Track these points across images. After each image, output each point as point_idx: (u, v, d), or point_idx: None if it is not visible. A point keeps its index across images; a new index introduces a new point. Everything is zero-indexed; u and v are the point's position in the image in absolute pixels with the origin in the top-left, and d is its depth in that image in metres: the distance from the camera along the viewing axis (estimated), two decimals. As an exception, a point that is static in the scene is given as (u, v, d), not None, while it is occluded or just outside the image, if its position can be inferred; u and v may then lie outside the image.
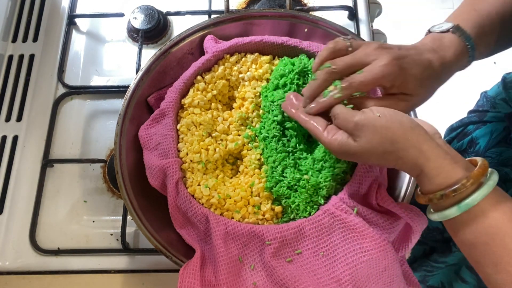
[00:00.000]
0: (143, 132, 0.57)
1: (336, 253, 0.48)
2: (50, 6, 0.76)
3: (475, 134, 0.68)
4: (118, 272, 0.60)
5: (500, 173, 0.63)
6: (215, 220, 0.50)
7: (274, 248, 0.48)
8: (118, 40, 0.75)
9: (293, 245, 0.49)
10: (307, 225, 0.49)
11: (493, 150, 0.65)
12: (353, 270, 0.46)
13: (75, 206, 0.64)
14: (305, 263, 0.48)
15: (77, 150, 0.67)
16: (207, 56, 0.59)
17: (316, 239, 0.49)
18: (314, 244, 0.49)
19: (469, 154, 0.68)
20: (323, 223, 0.49)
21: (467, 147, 0.69)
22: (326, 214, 0.49)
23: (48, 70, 0.72)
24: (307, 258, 0.49)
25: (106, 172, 0.65)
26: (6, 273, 0.61)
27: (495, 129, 0.66)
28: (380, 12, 0.82)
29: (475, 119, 0.70)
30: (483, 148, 0.66)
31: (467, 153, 0.69)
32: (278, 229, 0.49)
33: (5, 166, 0.66)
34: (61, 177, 0.65)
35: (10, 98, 0.70)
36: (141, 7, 0.73)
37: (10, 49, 0.74)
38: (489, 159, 0.65)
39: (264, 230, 0.49)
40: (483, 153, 0.66)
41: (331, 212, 0.49)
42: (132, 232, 0.62)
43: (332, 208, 0.49)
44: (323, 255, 0.48)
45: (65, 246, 0.61)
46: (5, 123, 0.69)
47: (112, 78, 0.71)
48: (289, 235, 0.49)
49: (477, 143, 0.68)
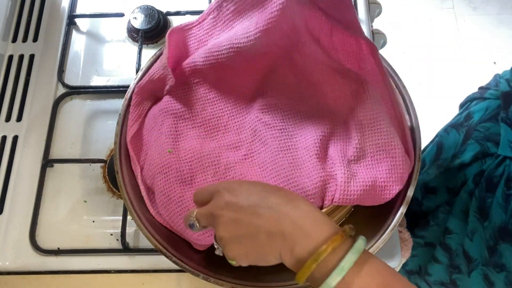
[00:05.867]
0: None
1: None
2: (50, 6, 0.76)
3: (472, 109, 0.71)
4: (118, 272, 0.60)
5: (483, 147, 0.65)
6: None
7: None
8: (118, 40, 0.75)
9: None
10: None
11: (483, 125, 0.67)
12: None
13: (75, 206, 0.64)
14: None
15: (77, 150, 0.67)
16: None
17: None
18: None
19: (463, 127, 0.70)
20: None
21: (463, 120, 0.71)
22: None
23: (48, 70, 0.72)
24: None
25: (106, 172, 0.65)
26: (6, 273, 0.61)
27: (490, 106, 0.68)
28: (380, 12, 0.82)
29: (478, 95, 0.72)
30: (476, 122, 0.68)
31: (462, 126, 0.71)
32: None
33: (5, 166, 0.66)
34: (61, 177, 0.65)
35: (10, 98, 0.70)
36: (141, 7, 0.73)
37: (10, 49, 0.74)
38: (478, 132, 0.67)
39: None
40: (475, 126, 0.68)
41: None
42: (132, 232, 0.62)
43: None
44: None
45: (65, 246, 0.61)
46: (5, 123, 0.69)
47: (112, 78, 0.71)
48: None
49: (472, 117, 0.70)
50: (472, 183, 0.65)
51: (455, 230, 0.70)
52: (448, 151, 0.72)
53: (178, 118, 0.56)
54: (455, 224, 0.70)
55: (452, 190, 0.71)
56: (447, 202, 0.72)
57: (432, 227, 0.76)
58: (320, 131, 0.53)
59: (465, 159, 0.67)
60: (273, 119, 0.54)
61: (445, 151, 0.73)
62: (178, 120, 0.56)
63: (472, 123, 0.69)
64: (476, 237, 0.66)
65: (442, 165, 0.72)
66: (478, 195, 0.64)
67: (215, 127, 0.56)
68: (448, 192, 0.72)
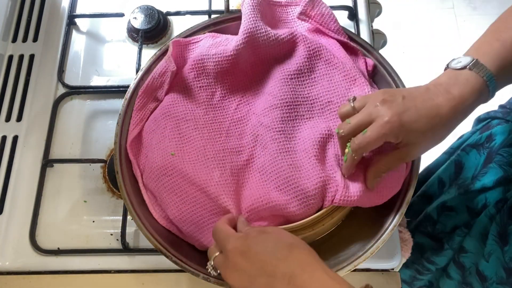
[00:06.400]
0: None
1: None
2: (50, 6, 0.76)
3: (495, 130, 0.68)
4: (118, 272, 0.60)
5: (506, 173, 0.64)
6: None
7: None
8: (118, 40, 0.75)
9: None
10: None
11: (506, 149, 0.65)
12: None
13: (75, 206, 0.64)
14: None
15: (77, 150, 0.67)
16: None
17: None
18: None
19: (485, 148, 0.69)
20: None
21: (484, 141, 0.69)
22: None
23: (48, 70, 0.72)
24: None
25: (106, 172, 0.65)
26: (6, 273, 0.61)
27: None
28: (380, 12, 0.82)
29: (500, 115, 0.70)
30: (498, 145, 0.66)
31: (483, 147, 0.69)
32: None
33: (5, 166, 0.66)
34: (61, 177, 0.65)
35: (10, 98, 0.70)
36: (141, 7, 0.73)
37: (10, 49, 0.74)
38: (500, 157, 0.65)
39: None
40: (497, 149, 0.66)
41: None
42: (132, 232, 0.61)
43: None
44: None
45: (65, 246, 0.61)
46: (5, 123, 0.69)
47: (112, 78, 0.71)
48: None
49: (494, 139, 0.68)
50: (494, 208, 0.64)
51: (470, 249, 0.69)
52: (468, 172, 0.70)
53: (180, 121, 0.56)
54: (471, 245, 0.68)
55: (472, 211, 0.69)
56: (465, 225, 0.70)
57: (446, 250, 0.73)
58: (319, 133, 0.53)
59: (487, 182, 0.65)
60: (272, 122, 0.54)
61: (465, 171, 0.71)
62: (181, 123, 0.56)
63: (494, 146, 0.66)
64: (492, 258, 0.65)
65: (462, 185, 0.70)
66: (499, 220, 0.62)
67: (217, 131, 0.56)
68: (469, 212, 0.70)
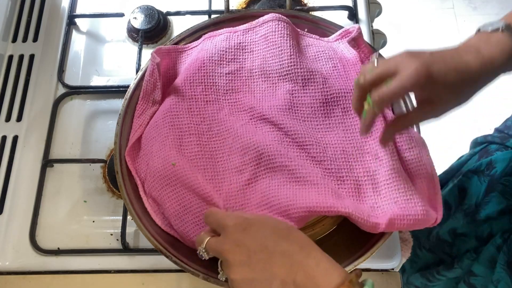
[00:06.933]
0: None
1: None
2: (50, 6, 0.76)
3: (495, 157, 0.67)
4: (118, 272, 0.60)
5: (509, 202, 0.63)
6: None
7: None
8: (118, 40, 0.75)
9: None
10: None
11: (508, 178, 0.64)
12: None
13: (75, 206, 0.64)
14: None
15: (77, 150, 0.67)
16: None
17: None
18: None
19: (486, 176, 0.67)
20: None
21: (484, 169, 0.68)
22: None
23: (48, 70, 0.72)
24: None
25: (106, 172, 0.65)
26: (6, 273, 0.61)
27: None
28: (380, 12, 0.82)
29: (497, 140, 0.69)
30: (499, 173, 0.65)
31: (483, 175, 0.68)
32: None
33: (5, 166, 0.66)
34: (61, 177, 0.65)
35: (10, 98, 0.70)
36: (141, 7, 0.73)
37: (10, 49, 0.74)
38: (502, 186, 0.64)
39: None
40: (498, 178, 0.65)
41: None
42: (132, 232, 0.61)
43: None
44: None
45: (65, 246, 0.61)
46: (5, 123, 0.69)
47: (112, 78, 0.71)
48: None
49: (495, 166, 0.66)
50: (500, 239, 0.63)
51: (480, 274, 0.69)
52: (471, 198, 0.69)
53: (183, 134, 0.55)
54: (480, 270, 0.68)
55: (479, 238, 0.69)
56: (474, 250, 0.69)
57: (455, 269, 0.73)
58: (330, 180, 0.52)
59: (490, 212, 0.65)
60: (280, 156, 0.53)
61: (468, 197, 0.70)
62: (184, 136, 0.55)
63: (496, 174, 0.65)
64: (501, 284, 0.65)
65: (468, 212, 0.70)
66: (506, 250, 0.62)
67: (219, 150, 0.55)
68: (476, 239, 0.70)
